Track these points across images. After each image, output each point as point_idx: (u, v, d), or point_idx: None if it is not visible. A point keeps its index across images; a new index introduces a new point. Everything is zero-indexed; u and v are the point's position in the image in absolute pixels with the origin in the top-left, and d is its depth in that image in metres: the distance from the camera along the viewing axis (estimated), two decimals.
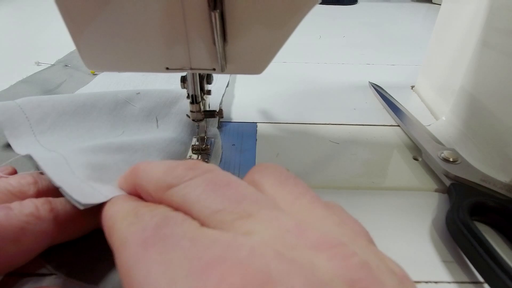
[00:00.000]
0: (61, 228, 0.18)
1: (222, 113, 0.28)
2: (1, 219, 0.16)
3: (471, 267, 0.20)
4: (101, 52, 0.19)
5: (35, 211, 0.17)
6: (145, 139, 0.27)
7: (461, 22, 0.35)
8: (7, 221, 0.16)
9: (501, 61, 0.28)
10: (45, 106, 0.29)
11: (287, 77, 0.48)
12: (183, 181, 0.14)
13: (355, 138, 0.34)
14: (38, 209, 0.17)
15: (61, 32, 0.19)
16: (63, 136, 0.28)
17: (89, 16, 0.17)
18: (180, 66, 0.20)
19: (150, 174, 0.15)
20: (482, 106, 0.30)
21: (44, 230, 0.17)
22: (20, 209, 0.16)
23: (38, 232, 0.17)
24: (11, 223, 0.16)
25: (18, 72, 0.43)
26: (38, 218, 0.16)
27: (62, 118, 0.29)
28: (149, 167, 0.16)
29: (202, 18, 0.17)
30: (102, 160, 0.23)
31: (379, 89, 0.43)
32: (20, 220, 0.16)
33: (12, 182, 0.19)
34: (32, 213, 0.16)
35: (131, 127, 0.29)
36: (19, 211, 0.16)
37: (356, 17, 0.85)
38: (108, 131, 0.29)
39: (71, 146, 0.25)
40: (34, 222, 0.16)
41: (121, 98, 0.30)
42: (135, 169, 0.17)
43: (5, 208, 0.16)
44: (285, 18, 0.17)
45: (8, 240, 0.16)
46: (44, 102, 0.29)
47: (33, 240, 0.16)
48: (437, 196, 0.27)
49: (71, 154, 0.22)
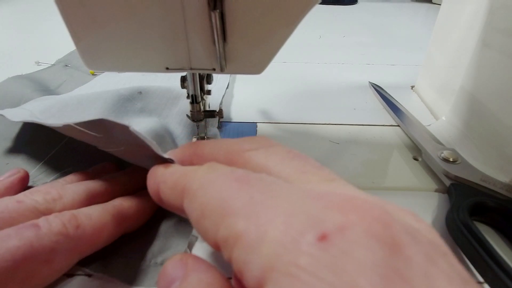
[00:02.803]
0: (89, 243, 0.17)
1: (222, 113, 0.28)
2: (32, 240, 0.15)
3: (471, 267, 0.20)
4: (101, 52, 0.19)
5: (64, 230, 0.16)
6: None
7: (461, 22, 0.35)
8: (38, 242, 0.15)
9: (501, 61, 0.28)
10: (47, 101, 0.29)
11: (287, 77, 0.48)
12: (263, 146, 0.14)
13: (355, 138, 0.34)
14: (66, 227, 0.16)
15: (61, 32, 0.19)
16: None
17: (89, 16, 0.17)
18: (180, 66, 0.20)
19: (219, 144, 0.15)
20: (482, 106, 0.30)
21: (73, 248, 0.16)
22: (49, 228, 0.16)
23: (68, 251, 0.16)
24: (42, 244, 0.15)
25: (18, 72, 0.43)
26: (67, 237, 0.16)
27: (66, 108, 0.28)
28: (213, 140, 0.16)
29: (202, 18, 0.17)
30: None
31: (379, 89, 0.43)
32: (51, 240, 0.16)
33: (38, 199, 0.18)
34: (60, 231, 0.16)
35: (134, 120, 0.29)
36: (48, 230, 0.16)
37: (356, 17, 0.85)
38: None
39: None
40: (63, 241, 0.16)
41: (124, 94, 0.30)
42: (195, 142, 0.17)
43: (34, 227, 0.16)
44: (285, 18, 0.17)
45: (41, 261, 0.15)
46: (45, 99, 0.29)
47: (64, 259, 0.16)
48: (437, 196, 0.27)
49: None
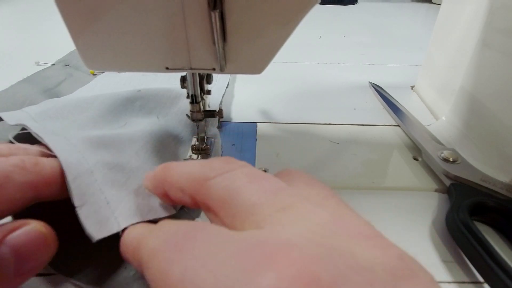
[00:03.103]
0: (47, 183, 0.18)
1: (222, 113, 0.28)
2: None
3: (471, 267, 0.20)
4: (101, 52, 0.19)
5: (21, 163, 0.17)
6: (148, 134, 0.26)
7: (461, 22, 0.35)
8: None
9: (501, 61, 0.28)
10: (45, 104, 0.29)
11: (287, 77, 0.48)
12: (223, 173, 0.14)
13: (355, 138, 0.34)
14: (24, 161, 0.17)
15: (61, 32, 0.19)
16: (66, 124, 0.27)
17: (88, 16, 0.17)
18: (180, 66, 0.20)
19: (185, 169, 0.16)
20: (482, 106, 0.30)
21: (29, 181, 0.17)
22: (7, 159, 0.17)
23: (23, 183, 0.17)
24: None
25: (18, 72, 0.43)
26: (23, 169, 0.17)
27: (64, 110, 0.28)
28: (182, 164, 0.17)
29: (202, 18, 0.17)
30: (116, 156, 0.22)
31: (379, 89, 0.43)
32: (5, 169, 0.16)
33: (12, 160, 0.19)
34: (17, 164, 0.17)
35: (132, 119, 0.29)
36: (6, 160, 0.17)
37: (356, 17, 0.85)
38: (112, 120, 0.28)
39: (78, 134, 0.24)
40: (19, 172, 0.17)
41: (122, 96, 0.30)
42: (166, 166, 0.17)
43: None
44: (285, 18, 0.17)
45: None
46: (43, 104, 0.29)
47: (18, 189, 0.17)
48: (437, 196, 0.27)
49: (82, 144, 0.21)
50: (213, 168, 0.15)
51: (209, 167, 0.15)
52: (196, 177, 0.15)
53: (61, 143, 0.20)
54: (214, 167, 0.15)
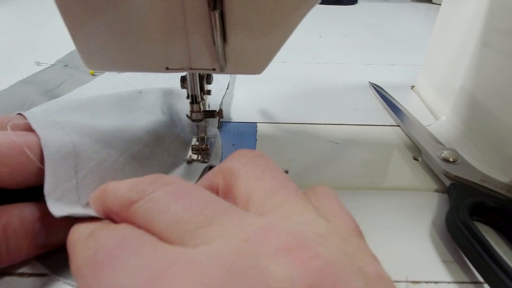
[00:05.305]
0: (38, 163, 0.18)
1: (222, 113, 0.28)
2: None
3: (471, 267, 0.20)
4: (101, 52, 0.19)
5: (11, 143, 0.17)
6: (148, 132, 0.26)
7: (461, 22, 0.35)
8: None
9: (501, 61, 0.28)
10: (45, 105, 0.29)
11: (287, 77, 0.48)
12: (144, 196, 0.14)
13: (355, 138, 0.34)
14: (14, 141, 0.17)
15: (61, 32, 0.19)
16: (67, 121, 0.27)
17: (88, 16, 0.17)
18: (180, 66, 0.20)
19: (116, 193, 0.15)
20: (482, 106, 0.30)
21: (21, 162, 0.17)
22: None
23: (14, 162, 0.17)
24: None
25: (18, 72, 0.43)
26: (12, 149, 0.17)
27: (65, 109, 0.28)
28: (115, 186, 0.15)
29: (202, 18, 0.17)
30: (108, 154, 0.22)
31: (379, 89, 0.43)
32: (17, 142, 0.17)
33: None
34: (8, 143, 0.17)
35: (134, 116, 0.29)
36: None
37: (356, 17, 0.85)
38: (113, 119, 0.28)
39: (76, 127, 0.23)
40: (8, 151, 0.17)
41: (124, 96, 0.30)
42: (103, 190, 0.16)
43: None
44: (285, 18, 0.17)
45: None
46: (43, 105, 0.29)
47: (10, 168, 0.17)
48: (437, 196, 0.27)
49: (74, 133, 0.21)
50: (136, 191, 0.14)
51: (135, 190, 0.14)
52: (123, 202, 0.14)
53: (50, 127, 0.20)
54: (139, 190, 0.14)
